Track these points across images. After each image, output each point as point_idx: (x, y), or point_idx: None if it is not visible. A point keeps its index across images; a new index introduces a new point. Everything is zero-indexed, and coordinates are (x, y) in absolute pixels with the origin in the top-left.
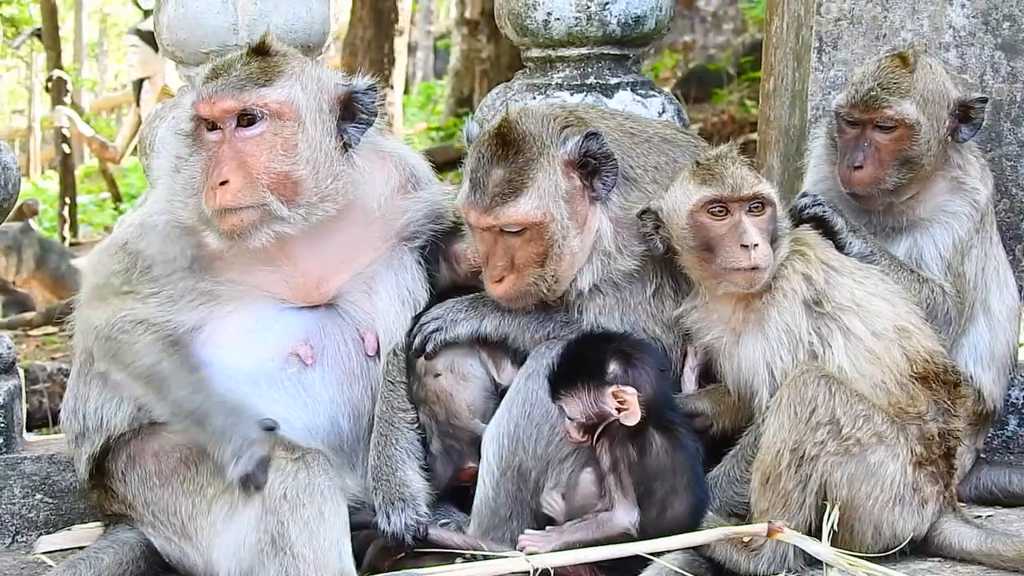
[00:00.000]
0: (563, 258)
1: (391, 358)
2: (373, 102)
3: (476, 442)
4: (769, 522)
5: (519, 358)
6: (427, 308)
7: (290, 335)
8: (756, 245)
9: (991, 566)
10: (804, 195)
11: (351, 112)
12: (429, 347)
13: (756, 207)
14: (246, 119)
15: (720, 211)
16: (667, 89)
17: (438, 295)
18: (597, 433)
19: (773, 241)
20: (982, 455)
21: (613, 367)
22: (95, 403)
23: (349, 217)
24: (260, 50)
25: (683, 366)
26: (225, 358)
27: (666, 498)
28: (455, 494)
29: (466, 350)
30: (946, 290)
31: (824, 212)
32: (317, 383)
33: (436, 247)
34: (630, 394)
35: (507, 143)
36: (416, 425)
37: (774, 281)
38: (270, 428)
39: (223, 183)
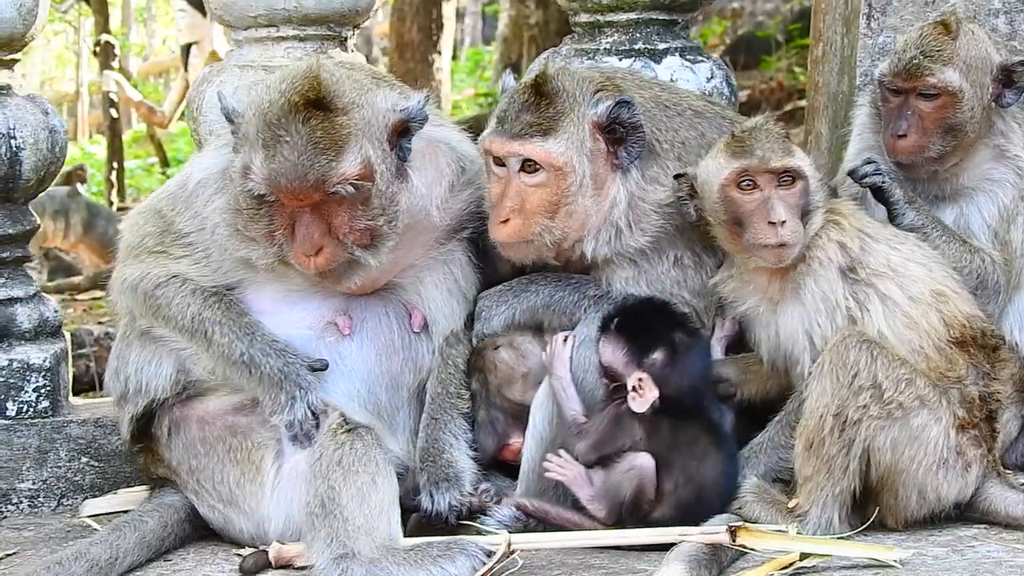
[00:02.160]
0: (574, 215)
1: (454, 343)
2: (425, 118)
3: (519, 417)
4: (729, 526)
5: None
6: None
7: (329, 305)
8: (784, 222)
9: None
10: (869, 161)
11: (406, 130)
12: (475, 342)
13: (786, 180)
14: (325, 193)
15: (749, 184)
16: (715, 55)
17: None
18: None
19: (806, 214)
20: None
21: (656, 356)
22: (135, 364)
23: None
24: (319, 104)
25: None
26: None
27: (681, 478)
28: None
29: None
30: (995, 260)
31: (884, 183)
32: (354, 353)
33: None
34: (651, 393)
35: (541, 94)
36: (468, 411)
37: (809, 250)
38: (319, 369)
39: (317, 251)
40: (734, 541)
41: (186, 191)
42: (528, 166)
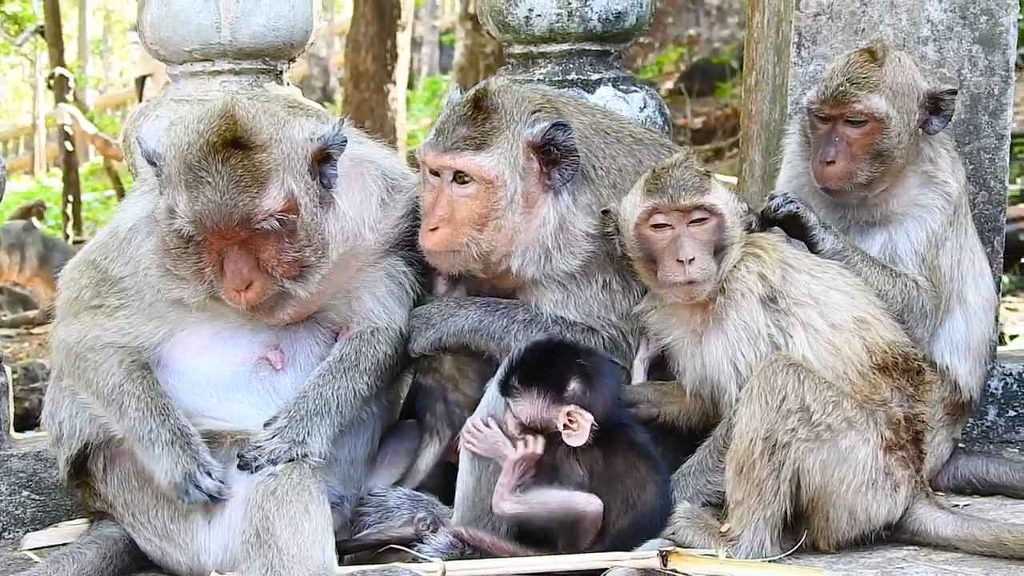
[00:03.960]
0: (502, 230)
1: (374, 337)
2: (344, 142)
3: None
4: (660, 551)
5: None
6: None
7: (260, 340)
8: (692, 259)
9: (968, 552)
10: (773, 196)
11: (327, 157)
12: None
13: (698, 218)
14: (251, 230)
15: (661, 222)
16: (667, 84)
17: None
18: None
19: (720, 250)
20: (960, 445)
21: (574, 386)
22: (67, 412)
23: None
24: (237, 143)
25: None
26: (195, 363)
27: (623, 507)
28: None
29: None
30: (920, 284)
31: (797, 209)
32: (288, 387)
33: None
34: (585, 419)
35: (479, 108)
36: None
37: (729, 283)
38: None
39: (247, 286)
40: (665, 566)
41: (118, 239)
42: (459, 177)
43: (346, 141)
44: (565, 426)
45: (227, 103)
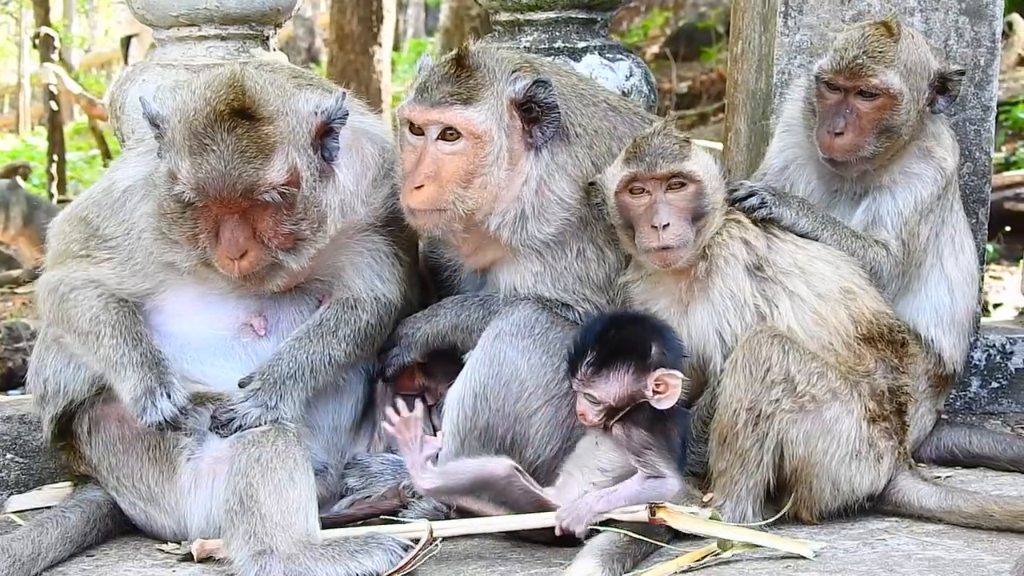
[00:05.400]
0: (488, 187)
1: (352, 305)
2: (346, 115)
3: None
4: (650, 505)
5: None
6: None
7: (244, 306)
8: (667, 225)
9: (951, 523)
10: (752, 193)
11: (329, 130)
12: (389, 372)
13: (676, 185)
14: (252, 200)
15: (639, 190)
16: (652, 48)
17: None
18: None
19: (700, 217)
20: (943, 416)
21: (654, 350)
22: (52, 367)
23: None
24: (244, 113)
25: None
26: (178, 325)
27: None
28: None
29: None
30: (891, 249)
31: (771, 215)
32: (270, 353)
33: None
34: (676, 378)
35: (462, 66)
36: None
37: (712, 249)
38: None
39: (242, 255)
40: (653, 517)
41: (111, 197)
42: (449, 134)
43: (347, 114)
44: (654, 391)
45: (235, 72)
